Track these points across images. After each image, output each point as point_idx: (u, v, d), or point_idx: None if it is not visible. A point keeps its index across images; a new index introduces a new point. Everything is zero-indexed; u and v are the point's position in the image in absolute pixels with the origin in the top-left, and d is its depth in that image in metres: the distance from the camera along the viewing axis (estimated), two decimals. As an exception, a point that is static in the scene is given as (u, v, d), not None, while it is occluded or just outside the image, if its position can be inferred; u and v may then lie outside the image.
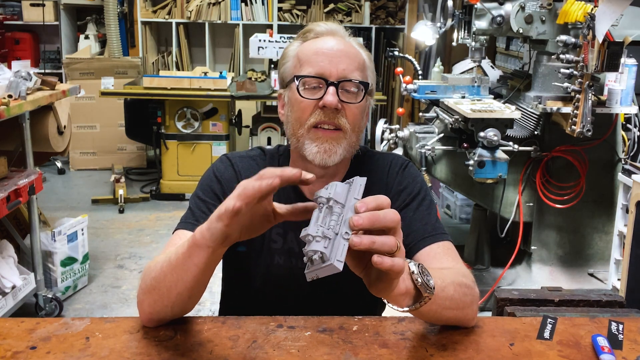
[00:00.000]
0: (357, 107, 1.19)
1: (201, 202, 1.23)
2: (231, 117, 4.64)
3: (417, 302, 0.93)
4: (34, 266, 2.89)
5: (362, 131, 1.24)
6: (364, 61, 1.23)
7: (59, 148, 3.17)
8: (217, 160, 1.31)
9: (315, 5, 5.63)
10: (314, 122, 1.17)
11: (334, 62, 1.17)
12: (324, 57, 1.18)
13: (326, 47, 1.20)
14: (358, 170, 1.30)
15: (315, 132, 1.18)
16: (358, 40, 1.28)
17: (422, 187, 1.29)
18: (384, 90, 5.55)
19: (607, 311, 1.21)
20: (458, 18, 3.10)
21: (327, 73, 1.17)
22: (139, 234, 4.05)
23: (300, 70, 1.19)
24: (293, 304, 1.23)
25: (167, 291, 1.00)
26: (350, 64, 1.19)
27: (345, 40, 1.23)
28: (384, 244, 0.82)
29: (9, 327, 1.05)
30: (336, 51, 1.19)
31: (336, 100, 1.15)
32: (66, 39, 5.74)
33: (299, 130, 1.19)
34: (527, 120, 3.05)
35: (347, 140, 1.18)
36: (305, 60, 1.19)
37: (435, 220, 1.24)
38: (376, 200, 0.85)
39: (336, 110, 1.16)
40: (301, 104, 1.18)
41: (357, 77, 1.19)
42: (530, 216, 3.17)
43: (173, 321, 1.07)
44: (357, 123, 1.20)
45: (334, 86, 1.16)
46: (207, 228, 0.91)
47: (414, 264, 0.93)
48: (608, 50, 2.49)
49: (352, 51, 1.21)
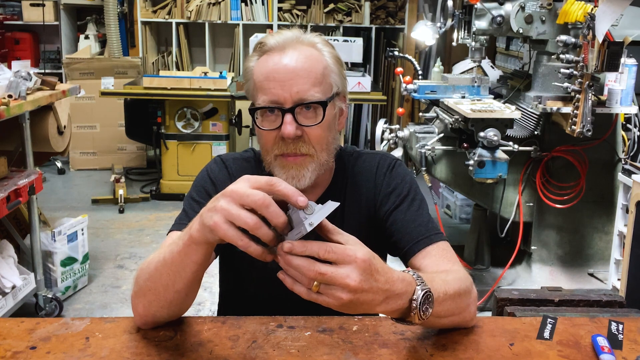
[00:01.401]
0: (319, 127, 1.14)
1: (195, 203, 1.23)
2: (231, 117, 4.64)
3: (406, 319, 0.94)
4: (34, 266, 2.89)
5: (335, 142, 1.21)
6: (323, 68, 1.15)
7: (59, 148, 3.17)
8: (211, 162, 1.31)
9: (315, 5, 5.63)
10: (278, 153, 1.16)
11: (287, 86, 1.11)
12: (275, 83, 1.12)
13: (276, 69, 1.13)
14: (345, 172, 1.30)
15: (281, 161, 1.16)
16: (315, 40, 1.18)
17: (412, 186, 1.27)
18: (384, 90, 5.55)
19: (607, 311, 1.21)
20: (458, 18, 3.10)
21: (281, 99, 1.12)
22: (139, 234, 4.05)
23: (257, 98, 1.16)
24: (292, 304, 1.23)
25: (163, 290, 0.99)
26: (305, 83, 1.12)
27: (299, 51, 1.14)
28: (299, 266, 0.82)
29: (9, 327, 1.05)
30: (287, 73, 1.12)
31: (294, 129, 1.12)
32: (66, 39, 5.74)
33: (267, 157, 1.19)
34: (527, 120, 3.05)
35: (315, 162, 1.16)
36: (259, 87, 1.15)
37: (427, 220, 1.22)
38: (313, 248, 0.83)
39: (298, 137, 1.13)
40: (263, 135, 1.17)
41: (315, 94, 1.12)
42: (530, 216, 3.17)
43: (173, 321, 1.07)
44: (323, 142, 1.16)
45: (290, 113, 1.12)
46: (200, 222, 0.90)
47: (421, 293, 0.91)
48: (608, 50, 2.49)
49: (306, 65, 1.13)
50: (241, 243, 0.84)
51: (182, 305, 1.04)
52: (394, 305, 0.90)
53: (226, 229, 0.84)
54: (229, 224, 0.84)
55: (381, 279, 0.86)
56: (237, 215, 0.84)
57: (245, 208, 0.84)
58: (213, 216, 0.85)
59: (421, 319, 0.92)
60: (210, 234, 0.87)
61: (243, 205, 0.84)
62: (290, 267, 0.83)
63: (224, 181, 1.25)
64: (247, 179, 0.87)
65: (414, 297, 0.91)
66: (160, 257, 0.99)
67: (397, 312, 0.92)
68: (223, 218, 0.85)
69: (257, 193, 0.83)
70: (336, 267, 0.83)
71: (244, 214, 0.83)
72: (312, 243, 0.83)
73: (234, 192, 0.85)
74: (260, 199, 0.83)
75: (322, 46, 1.18)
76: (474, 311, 1.09)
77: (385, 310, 0.90)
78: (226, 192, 0.86)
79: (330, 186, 1.28)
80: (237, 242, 0.84)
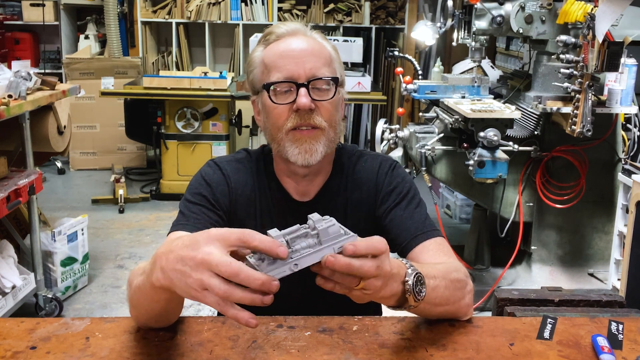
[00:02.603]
0: (330, 103, 1.20)
1: (191, 204, 1.23)
2: (231, 117, 4.64)
3: (403, 305, 0.96)
4: (34, 266, 2.89)
5: (340, 124, 1.25)
6: (330, 55, 1.23)
7: (59, 148, 3.17)
8: (205, 166, 1.32)
9: (315, 5, 5.63)
10: (292, 126, 1.18)
11: (301, 63, 1.17)
12: (289, 60, 1.18)
13: (290, 48, 1.19)
14: (346, 168, 1.32)
15: (294, 134, 1.19)
16: (321, 34, 1.27)
17: (411, 187, 1.31)
18: (384, 90, 5.55)
19: (607, 311, 1.21)
20: (458, 18, 3.09)
21: (295, 75, 1.17)
22: (139, 234, 4.05)
23: (269, 77, 1.19)
24: (292, 304, 1.23)
25: (145, 312, 1.01)
26: (317, 61, 1.18)
27: (308, 37, 1.22)
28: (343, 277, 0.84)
29: (9, 327, 1.05)
30: (300, 51, 1.19)
31: (309, 101, 1.16)
32: (66, 39, 5.74)
33: (278, 134, 1.20)
34: (527, 120, 3.05)
35: (325, 136, 1.20)
36: (272, 66, 1.19)
37: (425, 218, 1.27)
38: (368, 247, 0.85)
39: (310, 110, 1.17)
40: (275, 110, 1.19)
41: (326, 73, 1.19)
42: (530, 216, 3.17)
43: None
44: (333, 118, 1.21)
45: (304, 87, 1.16)
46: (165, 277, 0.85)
47: (412, 273, 0.94)
48: (608, 50, 2.49)
49: (316, 47, 1.21)
50: (219, 308, 0.80)
51: (169, 319, 1.05)
52: (392, 288, 0.91)
53: (205, 297, 0.80)
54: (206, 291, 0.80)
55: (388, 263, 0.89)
56: (209, 285, 0.79)
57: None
58: (190, 289, 0.81)
59: (417, 300, 0.94)
60: (186, 295, 0.84)
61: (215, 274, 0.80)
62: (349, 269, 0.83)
63: (219, 182, 1.27)
64: (218, 240, 0.81)
65: (406, 279, 0.93)
66: (139, 281, 0.96)
67: (394, 297, 0.93)
68: (199, 288, 0.80)
69: (225, 263, 0.78)
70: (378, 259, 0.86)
71: (215, 284, 0.79)
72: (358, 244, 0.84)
73: (205, 262, 0.79)
74: (227, 270, 0.78)
75: (323, 40, 1.25)
76: (469, 303, 1.10)
77: (385, 294, 0.90)
78: (197, 259, 0.80)
79: (331, 177, 1.31)
80: (215, 307, 0.81)
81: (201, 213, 1.21)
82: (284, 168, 1.28)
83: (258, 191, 1.29)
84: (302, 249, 0.83)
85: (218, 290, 0.79)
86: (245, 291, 0.79)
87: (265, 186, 1.30)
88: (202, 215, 1.21)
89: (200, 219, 1.20)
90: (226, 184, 1.28)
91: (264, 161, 1.32)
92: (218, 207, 1.24)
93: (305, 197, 1.29)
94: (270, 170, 1.31)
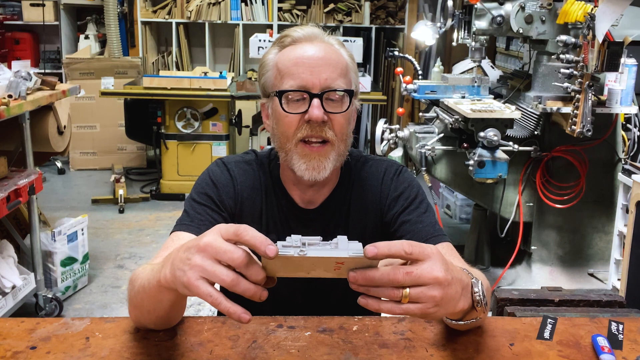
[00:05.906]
0: (343, 116, 1.15)
1: (197, 204, 1.22)
2: (231, 117, 4.64)
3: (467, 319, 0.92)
4: (34, 266, 2.89)
5: (350, 137, 1.22)
6: (346, 64, 1.18)
7: (59, 148, 3.17)
8: (213, 164, 1.30)
9: (315, 5, 5.63)
10: (302, 136, 1.14)
11: (316, 72, 1.12)
12: (304, 68, 1.13)
13: (306, 55, 1.14)
14: (352, 175, 1.30)
15: (303, 148, 1.15)
16: (338, 39, 1.22)
17: (419, 191, 1.28)
18: (384, 90, 5.55)
19: (607, 311, 1.21)
20: (458, 18, 3.10)
21: (309, 85, 1.12)
22: (139, 234, 4.05)
23: (282, 84, 1.15)
24: (292, 304, 1.23)
25: (147, 313, 1.00)
26: (333, 72, 1.14)
27: (325, 44, 1.17)
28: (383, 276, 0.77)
29: (9, 327, 1.05)
30: (317, 59, 1.13)
31: (322, 113, 1.12)
32: (66, 39, 5.74)
33: (287, 144, 1.17)
34: (527, 120, 3.05)
35: (335, 151, 1.16)
36: (286, 72, 1.14)
37: (435, 222, 1.24)
38: (390, 248, 0.78)
39: (323, 122, 1.13)
40: (286, 118, 1.15)
41: (341, 84, 1.14)
42: (530, 216, 3.17)
43: (173, 321, 1.07)
44: (344, 131, 1.17)
45: (318, 98, 1.12)
46: (172, 272, 0.84)
47: (477, 283, 0.89)
48: (608, 50, 2.49)
49: (333, 57, 1.16)
50: (210, 300, 0.78)
51: (170, 322, 1.04)
52: (468, 298, 0.86)
53: (198, 286, 0.78)
54: (203, 280, 0.78)
55: (454, 269, 0.84)
56: (213, 273, 0.77)
57: (222, 263, 0.78)
58: (187, 272, 0.79)
59: (485, 313, 0.89)
60: (182, 288, 0.82)
61: (219, 261, 0.78)
62: (373, 282, 0.77)
63: (226, 184, 1.25)
64: (217, 230, 0.80)
65: (475, 290, 0.88)
66: (144, 280, 0.95)
67: (464, 309, 0.87)
68: (197, 274, 0.78)
69: (235, 250, 0.77)
70: (418, 264, 0.79)
71: (220, 271, 0.77)
72: (391, 244, 0.78)
73: (209, 246, 0.78)
74: (238, 257, 0.77)
75: (340, 47, 1.20)
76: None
77: (464, 305, 0.85)
78: (200, 246, 0.79)
79: (337, 187, 1.28)
80: (207, 299, 0.78)
81: (205, 214, 1.20)
82: (290, 176, 1.25)
83: (264, 196, 1.27)
84: (317, 245, 0.79)
85: (225, 278, 0.77)
86: (250, 283, 0.77)
87: (271, 191, 1.27)
88: (207, 217, 1.20)
89: (204, 220, 1.19)
90: (232, 186, 1.26)
91: (271, 166, 1.30)
92: (223, 209, 1.23)
93: (311, 205, 1.26)
94: (277, 176, 1.28)
